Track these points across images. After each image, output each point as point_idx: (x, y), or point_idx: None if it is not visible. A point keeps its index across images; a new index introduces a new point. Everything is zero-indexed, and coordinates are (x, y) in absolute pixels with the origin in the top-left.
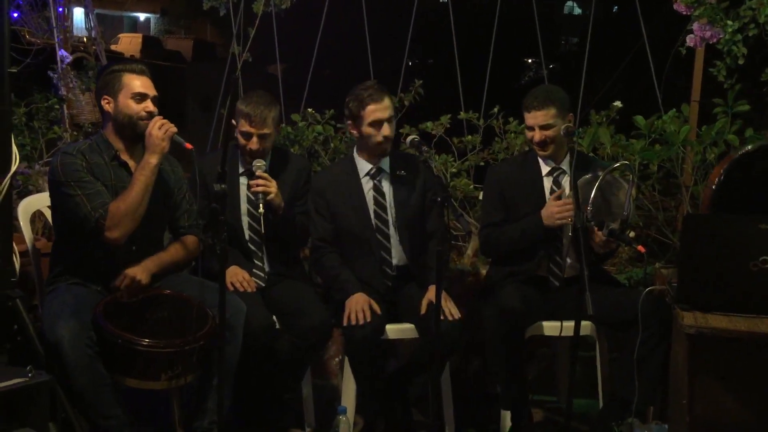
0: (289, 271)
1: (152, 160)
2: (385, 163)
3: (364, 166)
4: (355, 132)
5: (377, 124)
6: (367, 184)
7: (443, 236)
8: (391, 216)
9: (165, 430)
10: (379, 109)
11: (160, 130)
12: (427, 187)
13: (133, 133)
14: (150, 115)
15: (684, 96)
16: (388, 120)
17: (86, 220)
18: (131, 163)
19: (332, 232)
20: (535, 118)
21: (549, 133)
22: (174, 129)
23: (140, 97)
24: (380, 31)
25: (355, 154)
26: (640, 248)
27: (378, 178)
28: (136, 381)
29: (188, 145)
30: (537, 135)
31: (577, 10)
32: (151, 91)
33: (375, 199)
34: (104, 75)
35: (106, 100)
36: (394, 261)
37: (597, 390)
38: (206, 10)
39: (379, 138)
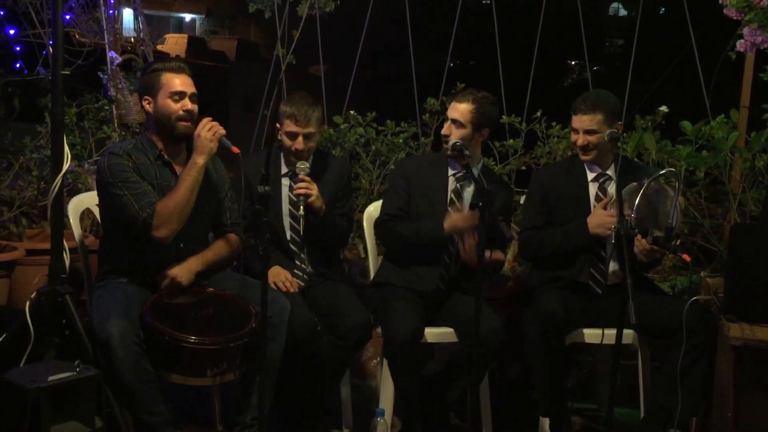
0: (330, 272)
1: (200, 160)
2: (476, 171)
3: (454, 165)
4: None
5: (463, 148)
6: (451, 184)
7: (486, 240)
8: None
9: (206, 426)
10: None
11: (209, 131)
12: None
13: (170, 133)
14: (188, 114)
15: (733, 101)
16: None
17: (134, 220)
18: (175, 163)
19: (404, 212)
20: (580, 121)
21: (592, 138)
22: (222, 131)
23: (178, 96)
24: (423, 33)
25: None
26: (685, 257)
27: (462, 183)
28: (181, 377)
29: (235, 149)
30: (580, 139)
31: (623, 12)
32: (190, 89)
33: (452, 200)
34: (145, 75)
35: (147, 101)
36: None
37: (638, 399)
38: (251, 12)
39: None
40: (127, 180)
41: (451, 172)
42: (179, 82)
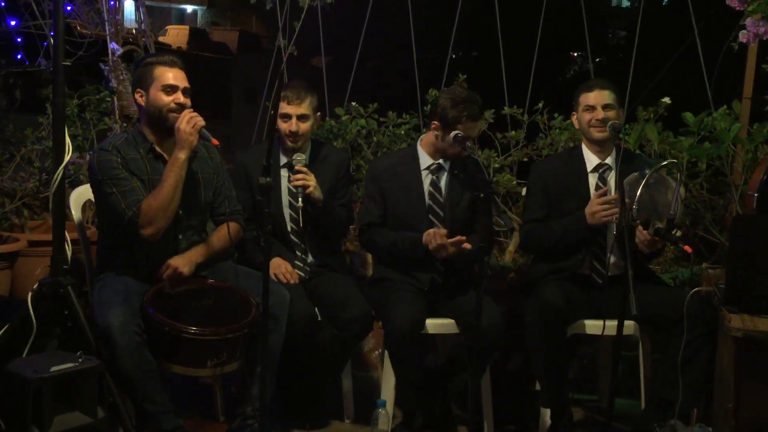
0: (331, 263)
1: (181, 155)
2: (446, 161)
3: (425, 159)
4: (437, 132)
5: (465, 139)
6: (426, 178)
7: (486, 232)
8: (444, 213)
9: (207, 417)
10: (471, 128)
11: (188, 124)
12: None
13: (163, 125)
14: (180, 107)
15: (735, 93)
16: (474, 140)
17: (121, 218)
18: (167, 156)
19: (382, 218)
20: (599, 96)
21: (611, 114)
22: (202, 122)
23: (170, 89)
24: (425, 24)
25: (419, 146)
26: (687, 248)
27: (437, 174)
28: (182, 368)
29: (215, 141)
30: (600, 113)
31: (626, 3)
32: (183, 83)
33: (431, 194)
34: (138, 69)
35: (140, 93)
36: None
37: (639, 390)
38: (252, 3)
39: (460, 150)
40: (116, 177)
41: (423, 165)
42: (172, 75)
